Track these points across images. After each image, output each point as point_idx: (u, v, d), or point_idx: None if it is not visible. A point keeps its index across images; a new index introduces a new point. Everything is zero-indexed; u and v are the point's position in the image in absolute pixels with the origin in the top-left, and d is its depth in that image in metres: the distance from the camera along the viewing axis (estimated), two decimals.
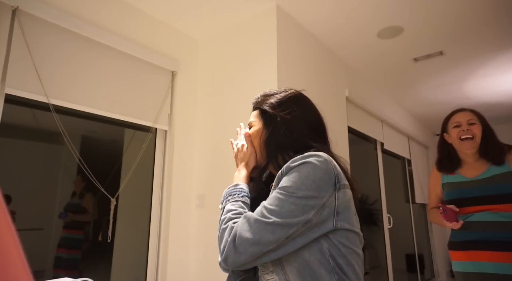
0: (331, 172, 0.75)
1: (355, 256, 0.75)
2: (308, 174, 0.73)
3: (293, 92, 0.96)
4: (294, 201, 0.72)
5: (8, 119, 1.75)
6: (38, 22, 1.82)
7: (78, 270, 3.34)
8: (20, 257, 0.25)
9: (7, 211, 0.26)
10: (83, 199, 3.57)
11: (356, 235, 0.77)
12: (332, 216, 0.73)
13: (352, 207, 0.78)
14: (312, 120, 0.92)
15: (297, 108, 0.90)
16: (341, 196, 0.75)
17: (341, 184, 0.76)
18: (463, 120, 1.62)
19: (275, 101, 0.92)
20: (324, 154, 0.77)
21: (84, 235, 3.54)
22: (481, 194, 1.52)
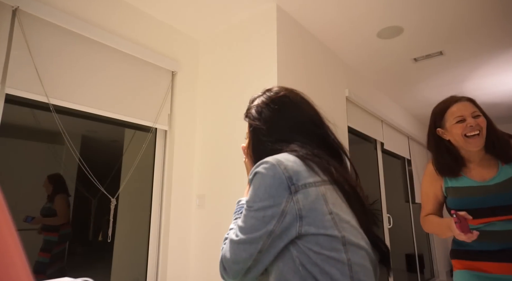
0: (280, 176, 0.70)
1: (334, 262, 0.66)
2: (259, 185, 0.72)
3: (272, 95, 0.90)
4: (253, 215, 0.71)
5: (8, 119, 1.75)
6: (38, 22, 1.82)
7: (45, 275, 3.23)
8: (20, 258, 0.25)
9: (8, 211, 0.26)
10: (53, 203, 3.45)
11: (330, 238, 0.68)
12: (295, 222, 0.68)
13: (321, 206, 0.69)
14: (291, 121, 0.85)
15: (275, 111, 0.86)
16: (301, 198, 0.69)
17: (299, 185, 0.70)
18: (466, 113, 1.34)
19: (254, 110, 0.89)
20: (272, 159, 0.73)
21: (59, 237, 3.41)
22: (499, 203, 1.27)
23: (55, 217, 3.38)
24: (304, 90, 0.98)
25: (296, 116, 0.86)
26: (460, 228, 1.20)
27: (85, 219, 6.66)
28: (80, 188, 4.93)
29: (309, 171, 0.72)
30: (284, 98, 0.89)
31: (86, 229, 6.91)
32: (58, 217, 3.38)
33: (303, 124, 0.85)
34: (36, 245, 3.43)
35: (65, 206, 3.46)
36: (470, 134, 1.33)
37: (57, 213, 3.39)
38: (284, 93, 0.90)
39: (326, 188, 0.72)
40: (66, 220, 3.46)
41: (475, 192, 1.33)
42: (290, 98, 0.89)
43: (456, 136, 1.37)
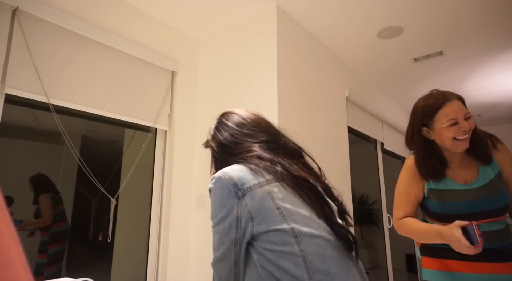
0: (227, 186, 0.76)
1: (287, 256, 0.68)
2: (213, 200, 0.77)
3: (219, 118, 0.99)
4: (216, 230, 0.75)
5: (8, 119, 1.75)
6: (38, 22, 1.82)
7: (43, 276, 3.19)
8: (20, 258, 0.25)
9: (8, 211, 0.26)
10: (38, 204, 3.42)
11: (281, 233, 0.70)
12: (249, 224, 0.72)
13: (269, 203, 0.73)
14: (235, 136, 0.91)
15: (224, 129, 0.94)
16: (248, 200, 0.73)
17: (244, 189, 0.75)
18: (460, 115, 1.24)
19: (210, 136, 0.98)
20: (218, 173, 0.79)
21: (51, 236, 3.37)
22: (483, 208, 1.24)
23: (39, 219, 3.35)
24: (304, 90, 0.99)
25: (244, 130, 0.92)
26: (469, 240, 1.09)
27: (85, 219, 6.66)
28: (80, 188, 4.93)
29: (253, 175, 0.77)
30: (230, 115, 0.97)
31: (86, 229, 6.92)
32: (42, 219, 3.34)
33: (250, 135, 0.91)
34: (36, 245, 3.42)
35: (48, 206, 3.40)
36: (460, 138, 1.25)
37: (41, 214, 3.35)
38: (228, 112, 0.99)
39: (272, 186, 0.76)
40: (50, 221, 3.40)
41: (459, 196, 1.28)
42: (235, 116, 0.96)
43: (445, 139, 1.28)
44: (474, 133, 1.30)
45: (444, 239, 1.16)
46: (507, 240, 1.26)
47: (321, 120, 2.56)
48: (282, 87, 2.20)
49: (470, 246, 1.07)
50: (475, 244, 1.07)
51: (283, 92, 2.20)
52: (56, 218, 3.46)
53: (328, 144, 2.62)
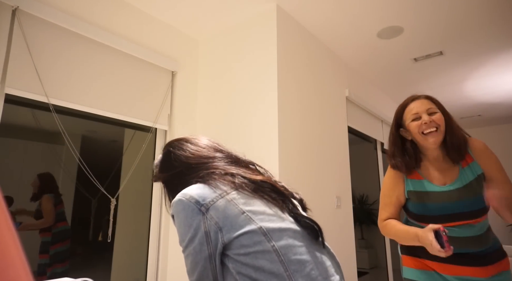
0: (188, 205, 0.76)
1: (261, 254, 0.71)
2: (178, 223, 0.77)
3: (165, 150, 0.99)
4: (188, 253, 0.75)
5: (8, 119, 1.75)
6: (38, 22, 1.82)
7: (46, 276, 3.19)
8: (20, 258, 0.25)
9: (8, 211, 0.26)
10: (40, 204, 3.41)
11: (251, 234, 0.72)
12: (218, 235, 0.73)
13: (233, 209, 0.75)
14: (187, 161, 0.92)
15: (175, 159, 0.94)
16: (213, 213, 0.74)
17: (206, 203, 0.76)
18: (421, 110, 1.32)
19: (157, 171, 0.99)
20: (177, 196, 0.79)
21: (53, 236, 3.37)
22: (459, 210, 1.27)
23: (41, 220, 3.34)
24: (304, 90, 0.99)
25: (195, 153, 0.93)
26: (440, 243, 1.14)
27: (85, 219, 6.67)
28: (80, 188, 4.93)
29: (211, 188, 0.79)
30: (176, 143, 0.98)
31: (86, 229, 6.92)
32: (44, 220, 3.34)
33: (203, 157, 0.92)
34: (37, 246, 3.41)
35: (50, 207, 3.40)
36: (426, 132, 1.30)
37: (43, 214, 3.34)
38: (173, 141, 1.00)
39: (232, 194, 0.78)
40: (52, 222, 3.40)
41: (436, 197, 1.30)
42: (183, 143, 0.97)
43: (414, 135, 1.35)
44: (452, 132, 1.33)
45: (420, 241, 1.20)
46: (481, 246, 1.27)
47: (321, 120, 2.56)
48: (282, 87, 2.20)
49: (441, 249, 1.10)
50: (444, 248, 1.11)
51: (283, 92, 2.20)
52: (57, 218, 3.46)
53: (328, 144, 2.62)
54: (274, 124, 2.11)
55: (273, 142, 2.10)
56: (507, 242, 5.42)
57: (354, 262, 2.69)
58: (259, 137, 2.18)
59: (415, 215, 1.36)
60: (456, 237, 1.28)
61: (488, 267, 1.26)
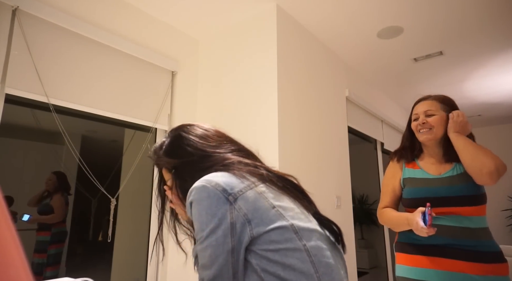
0: (215, 193, 0.70)
1: (292, 252, 0.67)
2: (198, 212, 0.70)
3: (174, 133, 0.92)
4: (207, 244, 0.68)
5: (8, 119, 1.75)
6: (38, 22, 1.82)
7: (43, 276, 3.18)
8: (20, 258, 0.25)
9: (7, 211, 0.26)
10: (51, 199, 3.43)
11: (282, 230, 0.69)
12: (246, 228, 0.68)
13: (263, 203, 0.71)
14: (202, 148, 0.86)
15: (188, 144, 0.87)
16: (242, 204, 0.69)
17: (234, 192, 0.70)
18: (420, 111, 1.49)
19: (165, 152, 0.90)
20: (199, 181, 0.73)
21: (52, 237, 3.37)
22: (449, 194, 1.35)
23: (51, 215, 3.35)
24: (304, 90, 0.99)
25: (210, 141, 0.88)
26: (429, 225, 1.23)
27: (85, 219, 6.67)
28: (80, 188, 4.94)
29: (239, 178, 0.73)
30: (189, 128, 0.91)
31: (86, 229, 6.92)
32: (55, 215, 3.35)
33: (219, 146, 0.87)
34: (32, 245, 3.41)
35: (63, 204, 3.43)
36: (421, 131, 1.48)
37: (54, 210, 3.36)
38: (186, 125, 0.93)
39: (261, 187, 0.74)
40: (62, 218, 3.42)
41: (428, 183, 1.42)
42: (194, 126, 0.92)
43: (414, 132, 1.53)
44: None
45: (409, 224, 1.31)
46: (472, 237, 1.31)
47: (321, 120, 2.56)
48: (282, 87, 2.20)
49: (423, 226, 1.22)
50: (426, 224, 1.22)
51: (283, 92, 2.20)
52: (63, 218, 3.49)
53: (328, 144, 2.62)
54: (274, 124, 2.12)
55: (273, 141, 2.10)
56: (507, 242, 5.42)
57: (354, 262, 2.69)
58: (259, 137, 2.18)
59: (409, 201, 1.45)
60: (447, 226, 1.33)
61: (481, 265, 1.27)
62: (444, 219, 1.34)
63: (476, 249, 1.29)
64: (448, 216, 1.34)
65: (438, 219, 1.35)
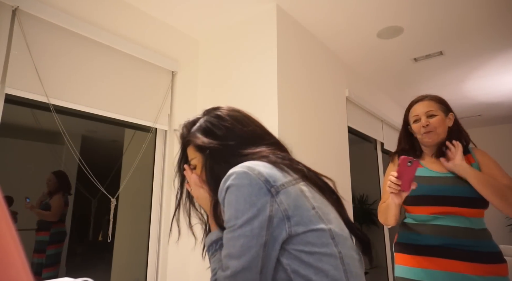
0: (257, 182, 0.66)
1: (327, 258, 0.64)
2: (236, 198, 0.66)
3: (218, 113, 0.90)
4: (240, 233, 0.64)
5: (8, 119, 1.75)
6: (38, 22, 1.82)
7: (41, 277, 3.19)
8: (20, 258, 0.25)
9: (7, 211, 0.26)
10: (51, 199, 3.44)
11: (319, 233, 0.65)
12: (284, 224, 0.64)
13: (304, 202, 0.67)
14: (247, 132, 0.83)
15: (227, 127, 0.83)
16: (284, 198, 0.66)
17: (277, 185, 0.67)
18: (421, 112, 1.46)
19: (201, 130, 0.85)
20: (241, 167, 0.69)
21: (51, 236, 3.39)
22: (452, 193, 1.33)
23: (48, 212, 3.36)
24: (304, 90, 0.98)
25: (251, 128, 0.85)
26: (399, 173, 1.23)
27: (85, 219, 6.66)
28: (80, 188, 4.93)
29: (281, 172, 0.70)
30: (233, 113, 0.89)
31: (86, 229, 6.92)
32: (51, 213, 3.36)
33: (260, 134, 0.85)
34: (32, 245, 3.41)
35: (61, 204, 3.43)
36: (425, 133, 1.45)
37: (51, 209, 3.36)
38: (230, 108, 0.91)
39: (302, 185, 0.71)
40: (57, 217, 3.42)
41: (432, 180, 1.40)
42: (238, 112, 0.90)
43: (416, 134, 1.51)
44: (456, 133, 1.46)
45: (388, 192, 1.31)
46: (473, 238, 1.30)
47: (321, 120, 2.56)
48: (282, 87, 2.20)
49: (394, 173, 1.24)
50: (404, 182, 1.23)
51: (283, 92, 2.20)
52: (60, 218, 3.48)
53: (328, 144, 2.62)
54: (274, 124, 2.12)
55: None
56: (507, 242, 5.42)
57: None
58: None
59: (411, 199, 1.43)
60: (448, 226, 1.33)
61: (480, 265, 1.27)
62: (445, 219, 1.34)
63: (476, 250, 1.29)
64: (449, 216, 1.34)
65: (439, 219, 1.35)
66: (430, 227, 1.36)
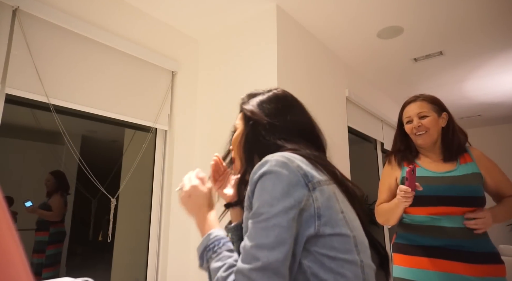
0: (295, 174, 0.64)
1: (348, 265, 0.62)
2: (274, 184, 0.63)
3: (277, 92, 0.89)
4: (275, 223, 0.60)
5: (8, 119, 1.75)
6: (38, 22, 1.82)
7: (41, 277, 3.19)
8: (20, 257, 0.25)
9: (8, 211, 0.27)
10: (50, 199, 3.42)
11: (344, 239, 0.63)
12: (313, 221, 0.62)
13: (335, 203, 0.66)
14: (293, 121, 0.83)
15: (278, 109, 0.83)
16: (319, 196, 0.64)
17: (314, 182, 0.65)
18: (413, 113, 1.47)
19: (256, 102, 0.85)
20: (280, 156, 0.67)
21: (50, 237, 3.38)
22: (450, 193, 1.33)
23: (50, 212, 3.35)
24: (304, 90, 0.99)
25: (300, 119, 0.85)
26: (409, 182, 1.27)
27: (85, 219, 6.66)
28: (80, 188, 4.93)
29: (316, 170, 0.68)
30: (290, 99, 0.89)
31: (86, 229, 6.92)
32: (53, 213, 3.35)
33: (305, 128, 0.85)
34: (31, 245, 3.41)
35: (61, 203, 3.43)
36: (418, 134, 1.46)
37: (52, 209, 3.36)
38: (289, 95, 0.91)
39: (334, 187, 0.70)
40: (59, 217, 3.42)
41: (430, 181, 1.39)
42: (295, 100, 0.90)
43: (409, 135, 1.52)
44: (451, 132, 1.45)
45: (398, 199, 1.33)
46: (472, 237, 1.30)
47: (321, 120, 2.54)
48: (282, 87, 2.20)
49: (408, 188, 1.26)
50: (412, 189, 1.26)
51: None
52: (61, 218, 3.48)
53: (328, 144, 2.61)
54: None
55: None
56: (507, 242, 5.41)
57: None
58: None
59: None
60: (446, 227, 1.32)
61: (478, 266, 1.26)
62: (442, 220, 1.34)
63: (473, 250, 1.29)
64: (446, 217, 1.33)
65: (437, 220, 1.35)
66: (428, 228, 1.36)
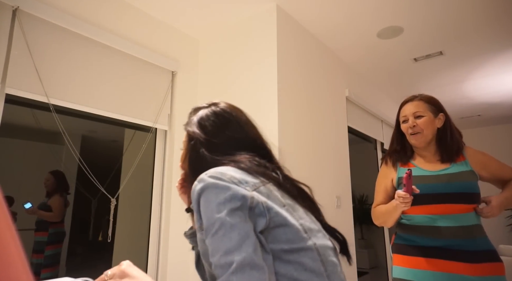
0: (231, 182, 0.67)
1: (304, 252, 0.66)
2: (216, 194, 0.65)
3: (215, 109, 0.88)
4: (231, 224, 0.61)
5: (8, 119, 1.75)
6: (38, 22, 1.82)
7: (39, 277, 3.18)
8: (20, 257, 0.25)
9: (8, 211, 0.27)
10: (50, 199, 3.43)
11: (293, 228, 0.67)
12: (264, 214, 0.65)
13: (276, 200, 0.70)
14: (231, 137, 0.83)
15: (217, 126, 0.84)
16: (259, 195, 0.68)
17: (250, 185, 0.69)
18: (409, 113, 1.47)
19: (197, 120, 0.86)
20: (213, 171, 0.69)
21: (49, 237, 3.37)
22: (445, 191, 1.34)
23: (50, 213, 3.35)
24: (304, 90, 0.98)
25: (237, 134, 0.85)
26: (406, 189, 1.28)
27: (85, 219, 6.66)
28: (80, 188, 4.93)
29: (250, 175, 0.72)
30: (230, 115, 0.87)
31: (86, 229, 6.92)
32: (53, 214, 3.35)
33: (244, 141, 0.85)
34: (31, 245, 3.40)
35: (61, 204, 3.42)
36: (412, 133, 1.46)
37: (52, 209, 3.35)
38: (231, 110, 0.89)
39: (272, 186, 0.73)
40: (59, 218, 3.41)
41: (424, 179, 1.40)
42: (236, 116, 0.88)
43: (405, 134, 1.52)
44: (447, 132, 1.46)
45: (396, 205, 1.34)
46: (470, 236, 1.31)
47: (321, 120, 2.56)
48: (282, 87, 2.20)
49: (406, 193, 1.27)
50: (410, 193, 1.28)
51: (283, 92, 2.20)
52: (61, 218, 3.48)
53: (328, 144, 2.62)
54: (274, 124, 2.12)
55: (273, 141, 2.10)
56: (507, 242, 5.42)
57: (354, 262, 2.69)
58: None
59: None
60: (445, 227, 1.33)
61: (477, 265, 1.27)
62: (440, 220, 1.34)
63: (473, 249, 1.29)
64: (444, 216, 1.34)
65: (435, 220, 1.35)
66: (426, 229, 1.36)
